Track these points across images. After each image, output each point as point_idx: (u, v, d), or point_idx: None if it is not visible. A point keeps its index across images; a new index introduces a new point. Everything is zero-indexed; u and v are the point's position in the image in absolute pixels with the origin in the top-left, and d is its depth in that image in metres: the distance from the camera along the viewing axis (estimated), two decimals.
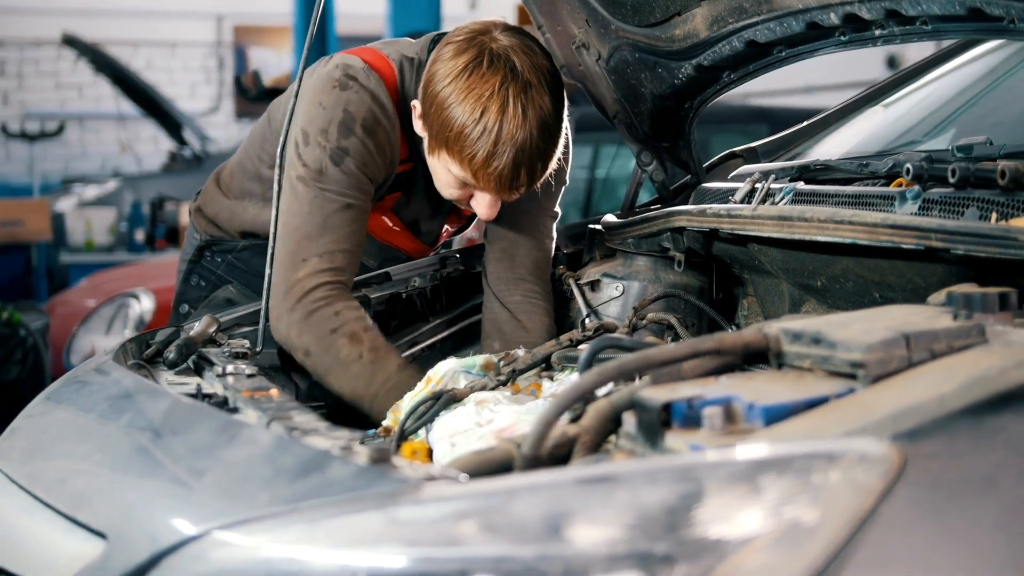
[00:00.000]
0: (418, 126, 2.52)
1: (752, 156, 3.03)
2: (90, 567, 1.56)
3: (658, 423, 1.47)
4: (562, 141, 2.51)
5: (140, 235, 9.25)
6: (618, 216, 2.94)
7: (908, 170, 2.08)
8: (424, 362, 2.70)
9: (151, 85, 11.07)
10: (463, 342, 2.89)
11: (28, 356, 5.86)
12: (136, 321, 6.09)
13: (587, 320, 2.75)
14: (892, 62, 12.28)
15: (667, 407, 1.48)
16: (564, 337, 2.36)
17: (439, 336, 2.87)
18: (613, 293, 2.80)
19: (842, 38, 2.31)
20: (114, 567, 1.52)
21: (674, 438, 1.45)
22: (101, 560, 1.55)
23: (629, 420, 1.54)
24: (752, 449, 1.31)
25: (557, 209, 2.82)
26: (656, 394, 1.50)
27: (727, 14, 2.44)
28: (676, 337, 2.58)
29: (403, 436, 2.14)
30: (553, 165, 2.51)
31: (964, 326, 1.55)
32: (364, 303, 2.68)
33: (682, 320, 2.62)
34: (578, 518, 1.27)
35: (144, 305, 6.15)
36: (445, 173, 2.48)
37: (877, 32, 2.22)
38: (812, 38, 2.39)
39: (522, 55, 2.40)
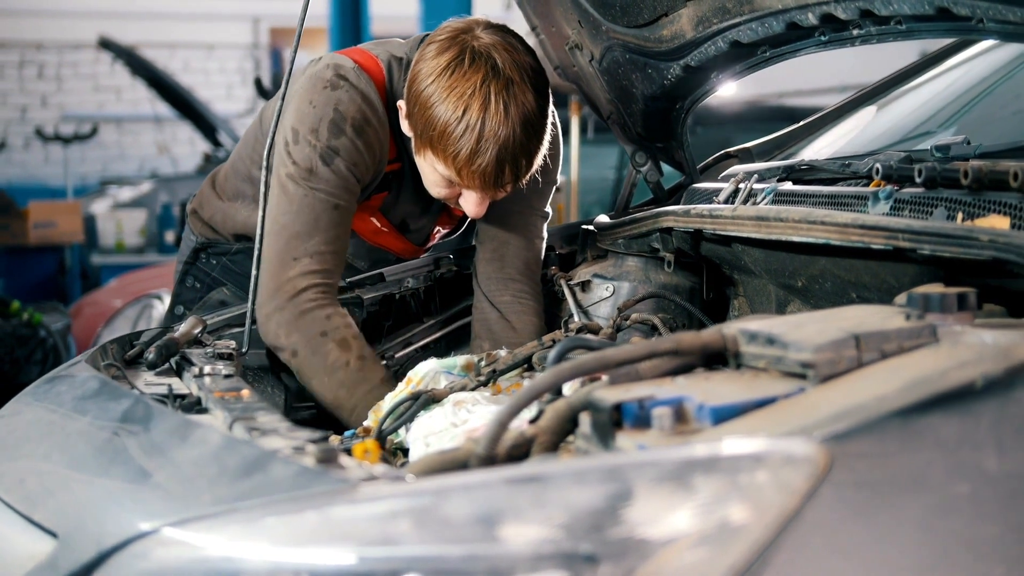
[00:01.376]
0: (404, 126, 2.53)
1: (747, 156, 3.03)
2: (40, 566, 1.58)
3: (610, 423, 1.48)
4: (548, 138, 2.50)
5: (170, 236, 9.31)
6: (611, 217, 2.94)
7: (877, 170, 2.08)
8: (417, 363, 2.70)
9: (185, 87, 11.14)
10: (457, 343, 2.89)
11: (48, 357, 5.91)
12: (160, 321, 6.12)
13: (572, 320, 2.76)
14: None
15: (618, 408, 1.48)
16: (547, 337, 2.36)
17: (433, 337, 2.87)
18: (603, 294, 2.80)
19: (822, 38, 2.30)
20: (63, 566, 1.53)
21: (624, 438, 1.45)
22: (50, 559, 1.57)
23: (584, 420, 1.55)
24: (681, 450, 1.31)
25: (548, 209, 2.82)
26: (609, 395, 1.51)
27: (711, 15, 2.43)
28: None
29: (381, 436, 2.16)
30: (539, 162, 2.50)
31: (916, 326, 1.55)
32: (358, 304, 2.70)
33: (667, 320, 2.61)
34: (507, 518, 1.28)
35: (167, 306, 6.19)
36: (432, 172, 2.49)
37: (855, 32, 2.21)
38: (794, 38, 2.38)
39: (504, 52, 2.40)
